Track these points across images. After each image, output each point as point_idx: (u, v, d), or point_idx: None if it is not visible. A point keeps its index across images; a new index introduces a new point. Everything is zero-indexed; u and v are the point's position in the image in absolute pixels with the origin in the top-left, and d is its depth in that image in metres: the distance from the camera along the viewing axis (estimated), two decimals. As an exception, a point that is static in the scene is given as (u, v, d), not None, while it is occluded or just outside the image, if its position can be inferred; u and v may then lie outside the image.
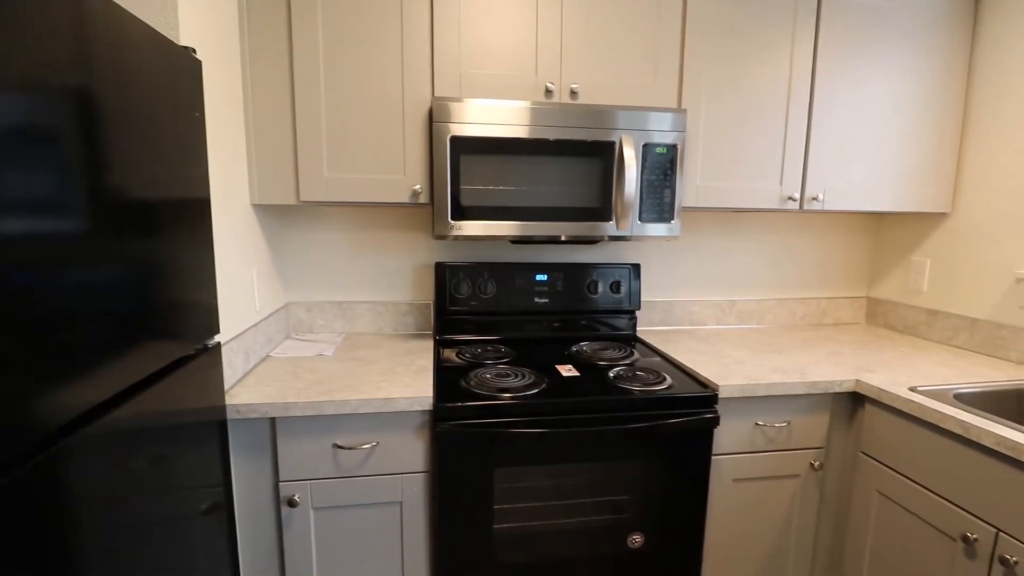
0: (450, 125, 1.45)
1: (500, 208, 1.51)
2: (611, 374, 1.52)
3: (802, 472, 1.53)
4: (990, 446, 1.14)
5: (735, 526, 1.53)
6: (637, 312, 2.05)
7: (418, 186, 1.51)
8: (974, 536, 1.19)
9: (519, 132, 1.48)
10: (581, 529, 1.43)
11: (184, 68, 1.00)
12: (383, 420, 1.30)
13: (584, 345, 1.82)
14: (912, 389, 1.39)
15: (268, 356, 1.60)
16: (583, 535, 1.43)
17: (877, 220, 2.20)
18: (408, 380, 1.40)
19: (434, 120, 1.45)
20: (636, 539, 1.45)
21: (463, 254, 1.93)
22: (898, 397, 1.36)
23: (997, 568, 1.15)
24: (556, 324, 1.90)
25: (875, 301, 2.21)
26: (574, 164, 1.53)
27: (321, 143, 1.47)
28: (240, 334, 1.40)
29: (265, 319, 1.60)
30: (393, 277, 1.91)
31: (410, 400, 1.28)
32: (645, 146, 1.55)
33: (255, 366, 1.50)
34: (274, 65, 1.45)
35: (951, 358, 1.72)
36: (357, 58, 1.46)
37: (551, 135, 1.50)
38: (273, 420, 1.27)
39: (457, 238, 1.59)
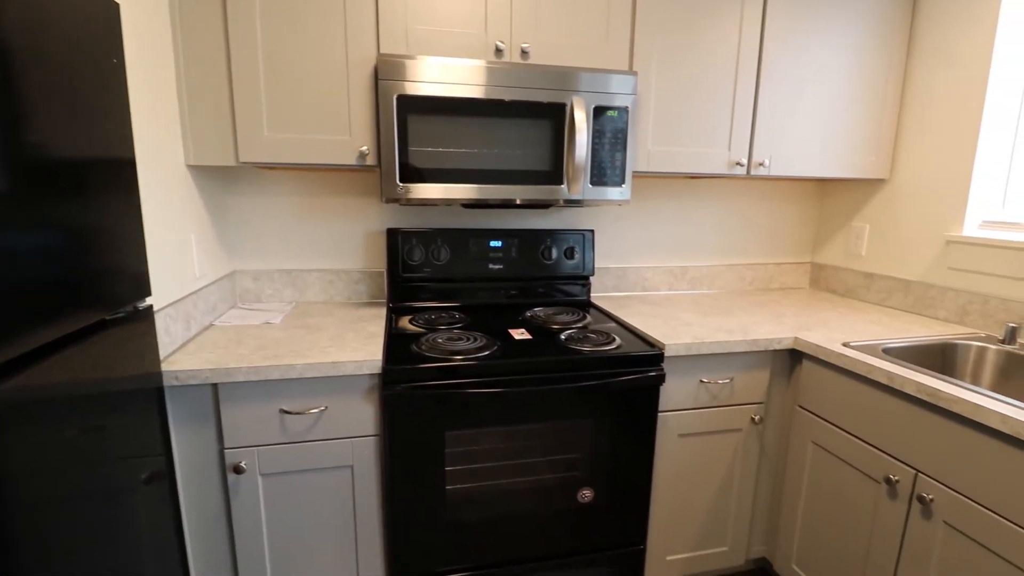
0: (397, 83, 1.41)
1: (450, 171, 1.49)
2: (562, 336, 1.54)
3: (744, 426, 1.60)
4: (912, 393, 1.22)
5: (681, 479, 1.59)
6: (591, 278, 2.08)
7: (365, 147, 1.47)
8: (896, 478, 1.28)
9: (468, 92, 1.45)
10: (533, 487, 1.46)
11: (99, 10, 0.93)
12: (331, 384, 1.29)
13: (538, 311, 1.83)
14: (845, 344, 1.46)
15: (212, 325, 1.55)
16: (535, 492, 1.46)
17: (821, 187, 2.27)
18: (357, 345, 1.38)
19: (380, 78, 1.40)
20: (586, 494, 1.49)
21: (415, 220, 1.90)
22: (832, 352, 1.43)
23: (915, 506, 1.23)
24: (511, 290, 1.90)
25: (819, 266, 2.30)
26: (525, 126, 1.51)
27: (260, 101, 1.41)
28: (178, 300, 1.35)
29: (207, 287, 1.54)
30: (344, 244, 1.87)
31: (358, 363, 1.27)
32: (596, 109, 1.54)
33: (197, 334, 1.45)
34: (206, 15, 1.37)
35: (884, 317, 1.81)
36: (296, 9, 1.39)
37: (501, 96, 1.47)
38: (215, 386, 1.24)
39: (408, 202, 1.56)
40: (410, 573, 1.42)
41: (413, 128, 1.44)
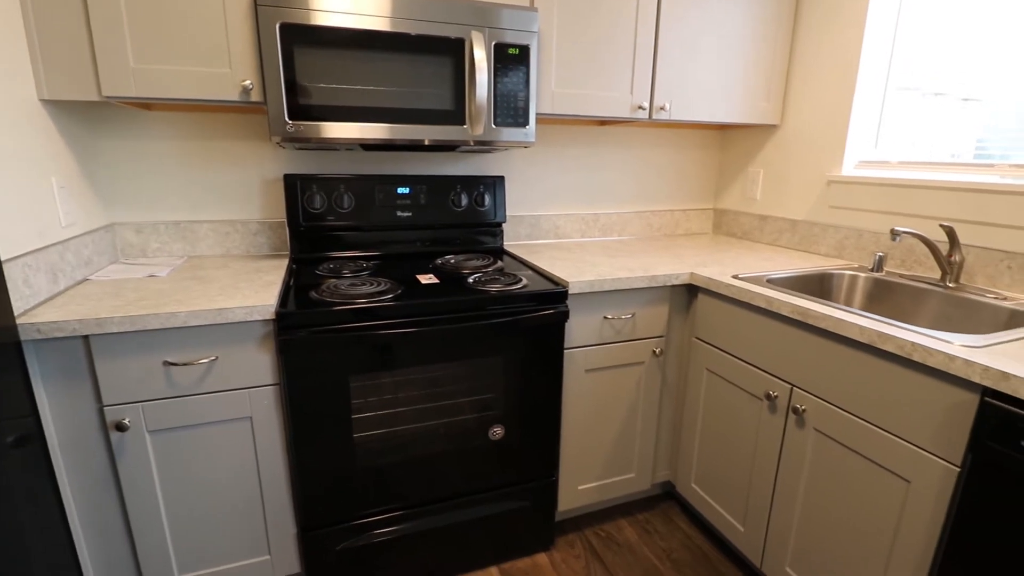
0: (278, 10, 1.31)
1: (346, 108, 1.42)
2: (470, 279, 1.54)
3: (646, 359, 1.68)
4: (787, 315, 1.32)
5: (589, 412, 1.66)
6: (504, 225, 2.08)
7: (248, 82, 1.36)
8: (775, 394, 1.39)
9: (359, 23, 1.37)
10: (444, 427, 1.47)
11: None
12: (220, 333, 1.22)
13: (450, 258, 1.82)
14: (735, 277, 1.56)
15: (87, 279, 1.41)
16: (446, 432, 1.48)
17: (722, 135, 2.37)
18: (250, 293, 1.31)
19: (259, 3, 1.29)
20: (497, 431, 1.53)
21: (315, 166, 1.81)
22: (722, 283, 1.52)
23: (791, 418, 1.35)
24: (421, 238, 1.87)
25: (720, 211, 2.42)
26: (423, 63, 1.46)
27: (122, 25, 1.27)
28: (38, 250, 1.22)
29: (77, 237, 1.40)
30: (240, 193, 1.75)
31: (248, 309, 1.21)
32: (496, 46, 1.51)
33: (68, 288, 1.32)
34: (46, -76, 1.20)
35: (774, 255, 1.94)
36: (157, -77, 1.25)
37: (395, 28, 1.41)
38: (87, 340, 1.14)
39: (304, 144, 1.48)
40: (323, 524, 1.41)
41: (301, 61, 1.35)
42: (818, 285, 1.68)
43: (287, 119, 1.36)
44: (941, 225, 1.45)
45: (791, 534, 1.38)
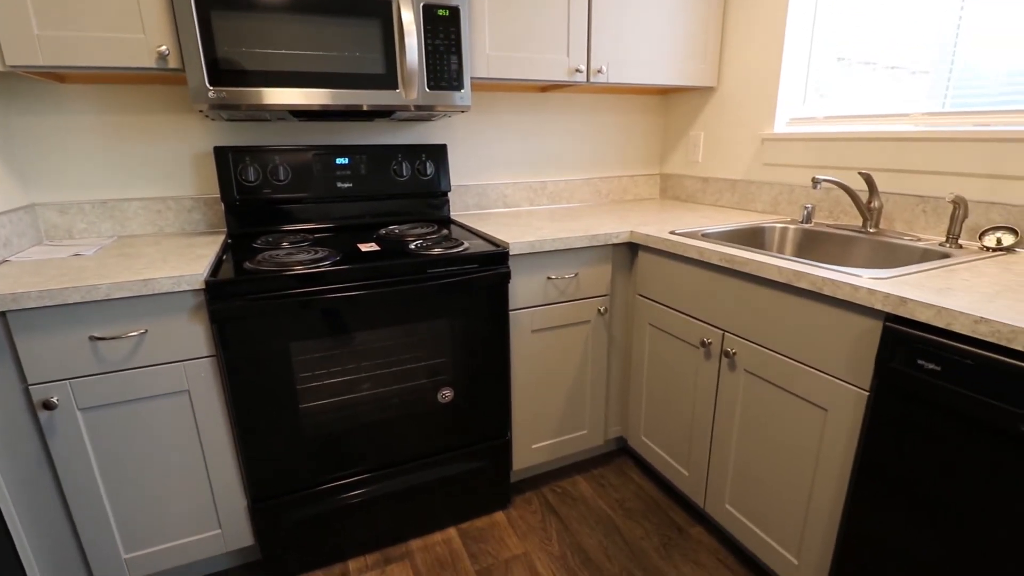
0: (191, -29, 1.26)
1: (271, 73, 1.38)
2: (412, 245, 1.54)
3: (591, 318, 1.72)
4: (716, 263, 1.36)
5: (538, 372, 1.70)
6: (451, 195, 2.07)
7: (164, 47, 1.32)
8: (709, 340, 1.45)
9: (279, -16, 1.34)
10: (394, 393, 1.48)
11: None
12: (148, 305, 1.19)
13: (394, 228, 1.81)
14: (672, 232, 1.60)
15: (6, 261, 1.36)
16: (396, 398, 1.49)
17: (664, 100, 2.41)
18: (179, 265, 1.28)
19: (169, -36, 1.24)
20: (447, 394, 1.54)
21: (248, 138, 1.76)
22: (659, 239, 1.56)
23: (724, 362, 1.41)
24: (365, 211, 1.85)
25: (666, 176, 2.46)
26: (350, 26, 1.43)
27: (20, -11, 1.20)
28: (-55, 228, 1.16)
29: (-8, 217, 1.34)
30: (170, 168, 1.70)
31: (175, 279, 1.18)
32: (425, 7, 1.49)
33: (-16, 270, 1.27)
34: None
35: (714, 214, 1.99)
36: None
37: (318, -11, 1.37)
38: (3, 316, 1.10)
39: (231, 114, 1.45)
40: (275, 495, 1.41)
41: (220, 24, 1.31)
42: (751, 238, 1.74)
43: (208, 85, 1.32)
44: (860, 173, 1.51)
45: (729, 472, 1.45)
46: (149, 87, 1.62)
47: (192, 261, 1.32)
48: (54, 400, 1.16)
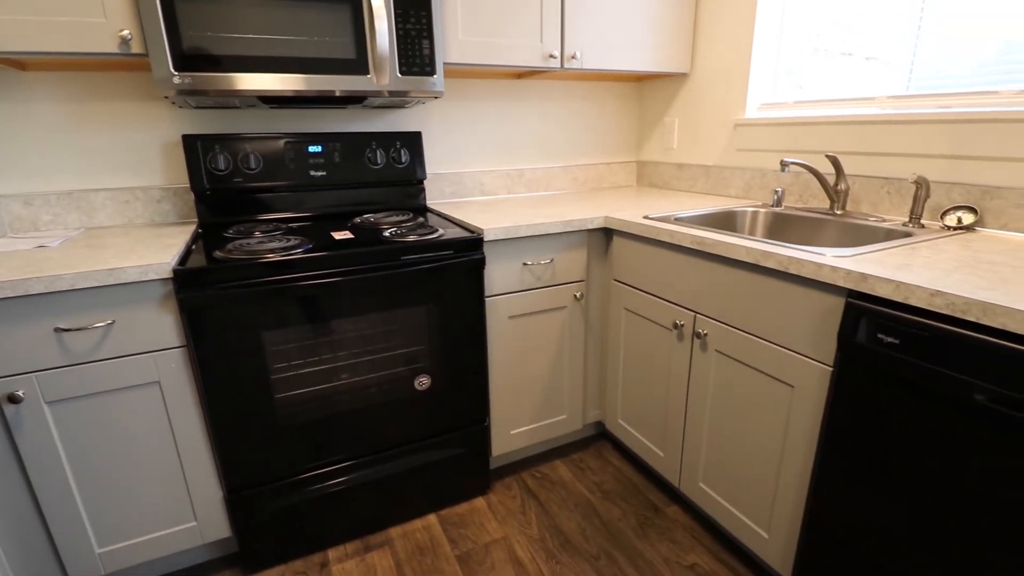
0: (151, -47, 1.23)
1: (238, 57, 1.36)
2: (387, 233, 1.53)
3: (568, 304, 1.73)
4: (687, 245, 1.38)
5: (516, 358, 1.70)
6: (427, 184, 2.07)
7: (126, 31, 1.28)
8: (681, 322, 1.47)
9: (244, -33, 1.31)
10: (371, 381, 1.48)
11: None
12: (115, 295, 1.17)
13: (369, 216, 1.80)
14: (645, 217, 1.61)
15: (-34, 253, 1.32)
16: (374, 386, 1.48)
17: (639, 87, 2.42)
18: (147, 254, 1.26)
19: (128, -55, 1.21)
20: (423, 382, 1.55)
21: (217, 125, 1.73)
22: (633, 223, 1.57)
23: (696, 343, 1.43)
24: (339, 199, 1.84)
25: (642, 163, 2.48)
26: (319, 9, 1.41)
27: (-29, -29, 1.16)
28: (-101, 218, 1.13)
29: (-50, 208, 1.31)
30: (139, 158, 1.66)
31: (142, 269, 1.16)
32: (395, -9, 1.48)
33: (-58, 262, 1.23)
34: None
35: (688, 199, 2.01)
36: None
37: (285, -27, 1.35)
38: (-38, 309, 1.08)
39: (200, 101, 1.42)
40: (250, 486, 1.40)
41: (184, 8, 1.28)
42: (723, 222, 1.77)
43: (173, 71, 1.30)
44: (827, 155, 1.54)
45: (702, 452, 1.48)
46: (114, 74, 1.58)
47: (160, 251, 1.30)
48: (20, 394, 1.14)
